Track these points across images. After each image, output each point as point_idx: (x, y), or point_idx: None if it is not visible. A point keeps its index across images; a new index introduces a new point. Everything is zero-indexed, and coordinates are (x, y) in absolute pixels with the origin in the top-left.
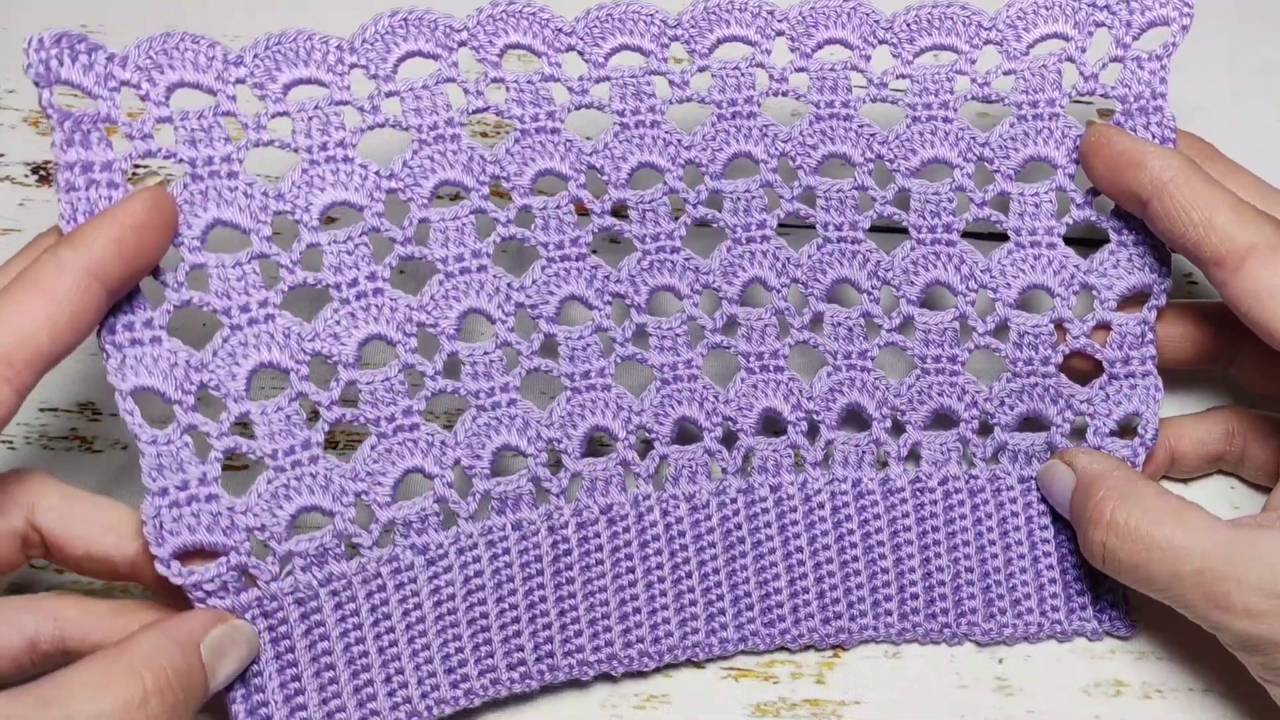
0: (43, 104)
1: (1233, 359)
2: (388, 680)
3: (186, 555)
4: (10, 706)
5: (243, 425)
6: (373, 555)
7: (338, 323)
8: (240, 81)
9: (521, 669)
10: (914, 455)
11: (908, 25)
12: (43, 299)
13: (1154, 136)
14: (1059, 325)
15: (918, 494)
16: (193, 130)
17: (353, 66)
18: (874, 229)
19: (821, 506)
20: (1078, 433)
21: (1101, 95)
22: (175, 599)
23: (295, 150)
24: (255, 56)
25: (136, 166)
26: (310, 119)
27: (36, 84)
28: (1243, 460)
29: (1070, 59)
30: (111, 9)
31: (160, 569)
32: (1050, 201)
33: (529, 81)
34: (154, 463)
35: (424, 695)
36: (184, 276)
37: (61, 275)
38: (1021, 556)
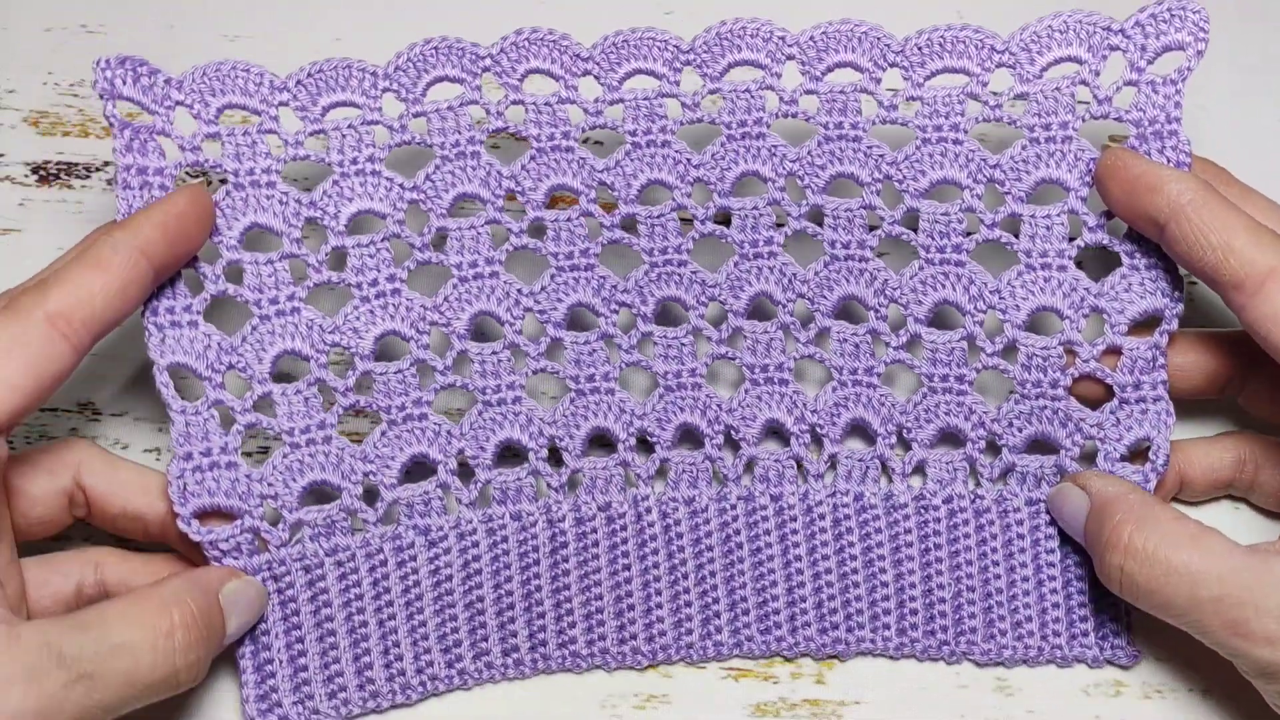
0: (105, 114)
1: (1242, 388)
2: (385, 652)
3: (206, 516)
4: (52, 629)
5: (265, 404)
6: (376, 531)
7: (357, 318)
8: (283, 104)
9: (515, 655)
10: (919, 472)
11: (919, 49)
12: (98, 270)
13: (1169, 161)
14: (1068, 348)
15: (921, 511)
16: (238, 146)
17: (385, 91)
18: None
19: (822, 518)
20: (1088, 457)
21: (1115, 119)
22: (198, 559)
23: (328, 164)
24: (298, 83)
25: (186, 174)
26: (344, 137)
27: (101, 97)
28: (1253, 487)
29: (1084, 82)
30: (111, 9)
31: (181, 526)
32: (1062, 224)
33: (546, 103)
34: (182, 430)
35: (419, 670)
36: (221, 271)
37: (115, 252)
38: (1025, 579)
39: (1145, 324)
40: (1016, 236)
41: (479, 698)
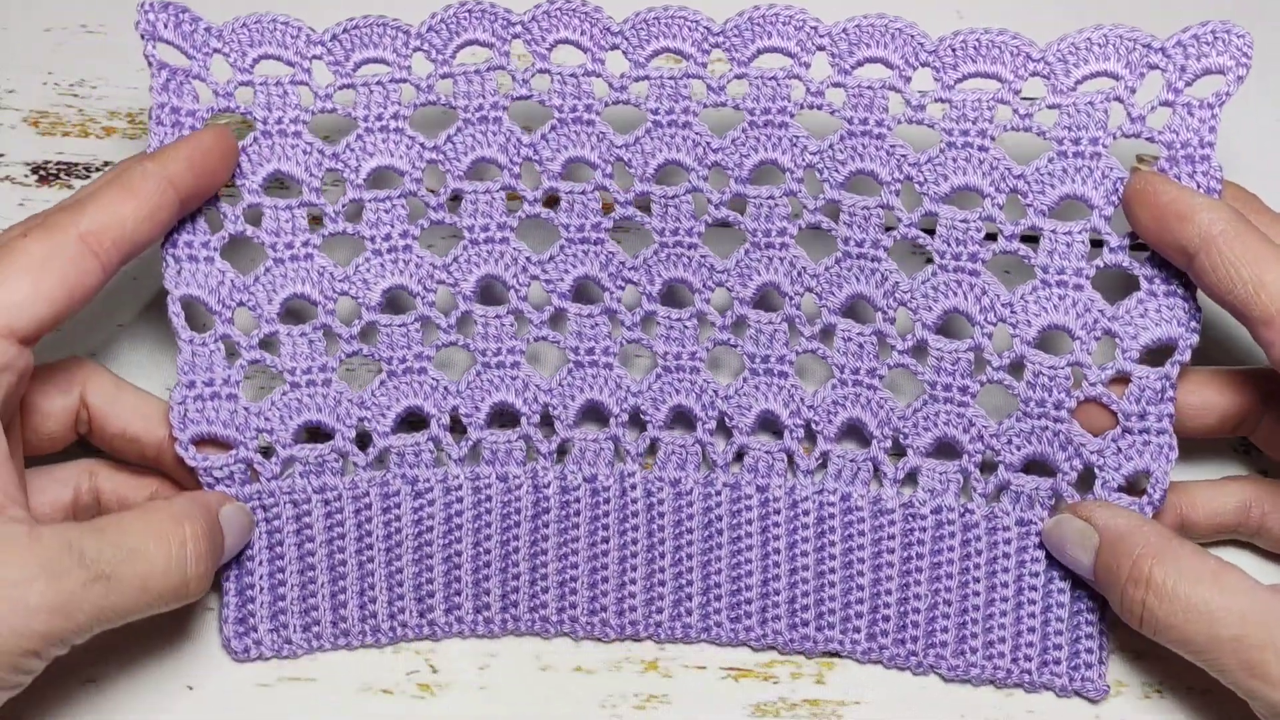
0: (145, 54)
1: (1256, 426)
2: (360, 593)
3: (202, 444)
4: (72, 531)
5: (270, 343)
6: (365, 476)
7: (368, 270)
8: (317, 58)
9: (485, 614)
10: (910, 480)
11: (953, 50)
12: (128, 194)
13: (1199, 186)
14: (1076, 370)
15: (908, 519)
16: (269, 95)
17: (416, 50)
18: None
19: (806, 514)
20: (1083, 482)
21: (1147, 139)
22: (188, 484)
23: (354, 119)
24: (333, 38)
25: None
26: (371, 93)
27: (142, 37)
28: (1260, 531)
29: (1118, 99)
30: (111, 9)
31: (178, 450)
32: (1082, 242)
33: (572, 75)
34: (188, 360)
35: (391, 616)
36: (241, 212)
37: (145, 180)
38: (1004, 600)
39: (1157, 352)
40: (1035, 250)
41: (479, 697)
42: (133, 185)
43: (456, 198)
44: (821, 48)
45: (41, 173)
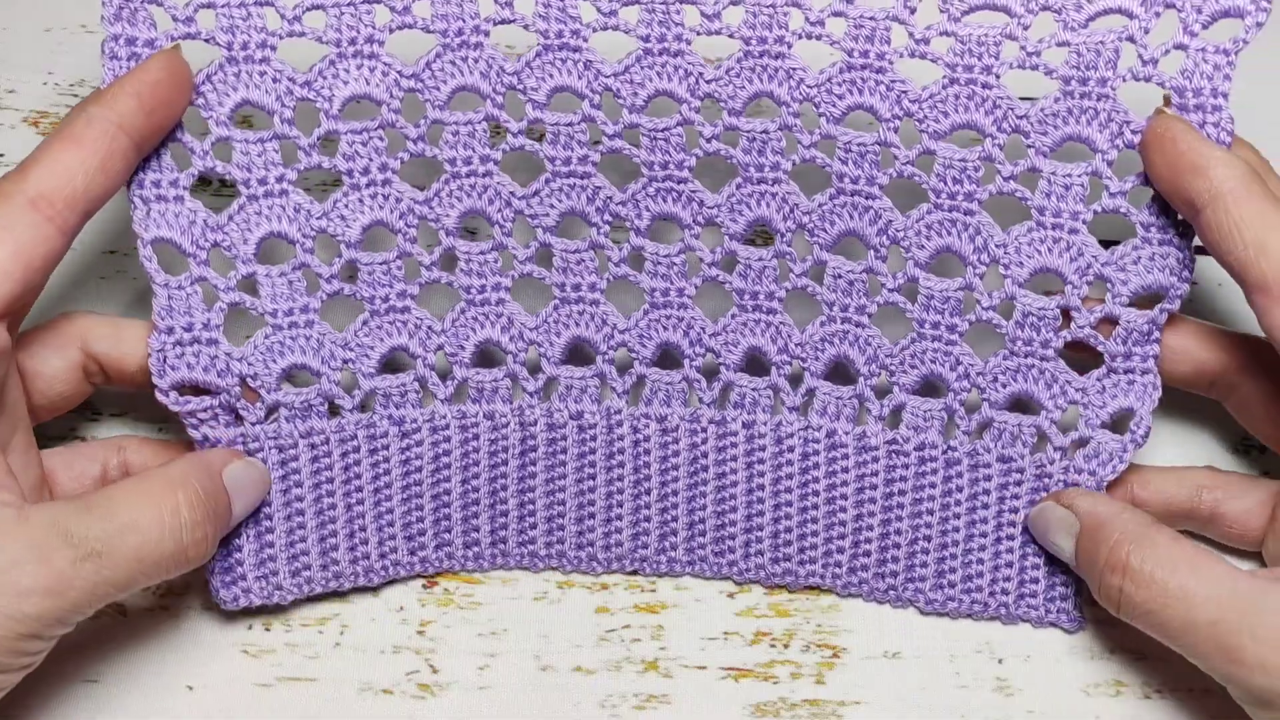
0: None
1: (1231, 393)
2: (350, 535)
3: (187, 390)
4: (59, 510)
5: (249, 285)
6: (351, 418)
7: (346, 206)
8: None
9: (475, 549)
10: (895, 416)
11: None
12: (74, 146)
13: (1209, 137)
14: (1065, 312)
15: (891, 455)
16: (233, 18)
17: None
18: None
19: (791, 450)
20: (1069, 423)
21: (1159, 83)
22: None
23: (325, 42)
24: None
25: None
26: (342, 14)
27: None
28: (1211, 521)
29: (1131, 39)
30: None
31: (159, 397)
32: (1082, 185)
33: None
34: (164, 304)
35: (382, 555)
36: (209, 147)
37: (90, 126)
38: (984, 535)
39: (1147, 300)
40: (1033, 192)
41: (479, 698)
42: (77, 135)
43: (437, 129)
44: None
45: None
